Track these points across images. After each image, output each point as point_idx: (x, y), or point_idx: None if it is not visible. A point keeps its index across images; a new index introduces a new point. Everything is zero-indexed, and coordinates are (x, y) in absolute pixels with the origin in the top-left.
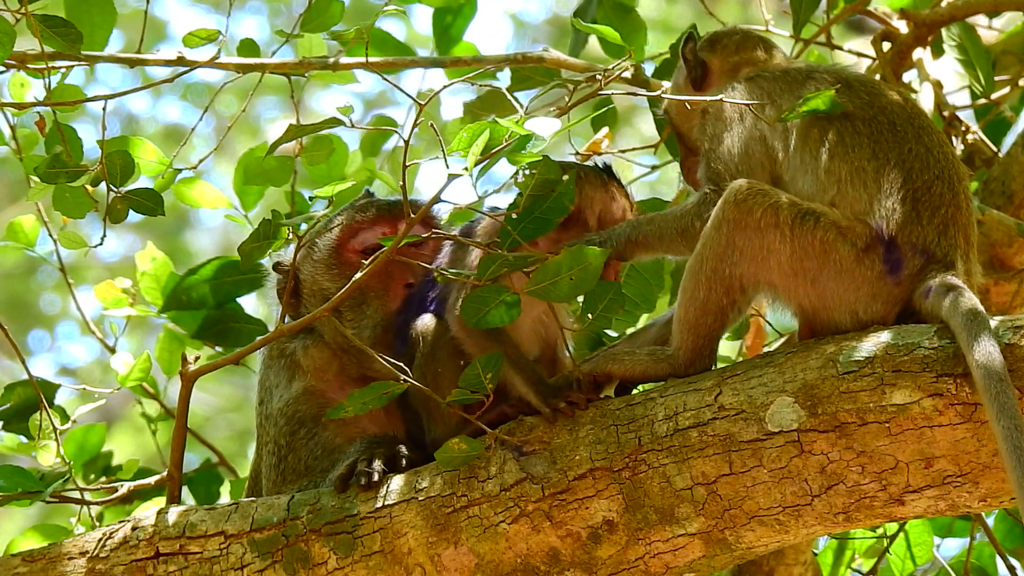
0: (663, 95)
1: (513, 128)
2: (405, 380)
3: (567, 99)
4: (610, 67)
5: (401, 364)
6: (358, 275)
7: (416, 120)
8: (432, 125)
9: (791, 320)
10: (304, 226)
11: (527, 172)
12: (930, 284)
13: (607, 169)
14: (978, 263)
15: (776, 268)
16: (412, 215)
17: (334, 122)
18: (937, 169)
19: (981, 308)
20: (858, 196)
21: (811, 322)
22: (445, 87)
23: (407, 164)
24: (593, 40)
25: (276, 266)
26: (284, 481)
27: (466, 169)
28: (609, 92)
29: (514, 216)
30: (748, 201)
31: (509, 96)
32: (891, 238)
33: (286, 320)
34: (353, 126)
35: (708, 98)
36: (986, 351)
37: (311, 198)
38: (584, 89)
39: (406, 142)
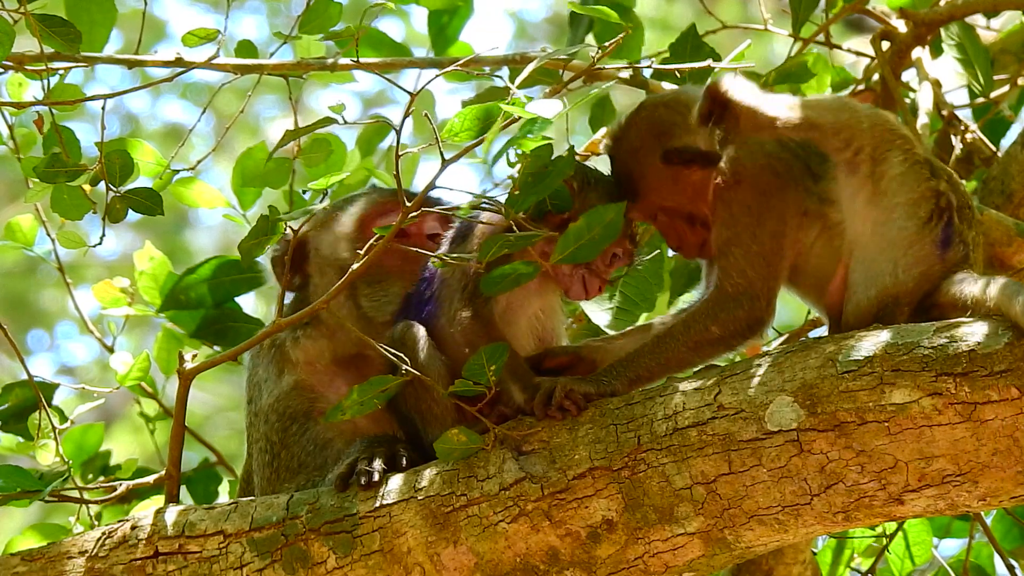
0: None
1: (512, 109)
2: (406, 371)
3: (565, 101)
4: (607, 44)
5: (402, 355)
6: (355, 266)
7: (408, 110)
8: (426, 114)
9: (789, 319)
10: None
11: (519, 153)
12: (964, 276)
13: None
14: None
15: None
16: (408, 204)
17: (327, 121)
18: (967, 201)
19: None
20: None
21: (856, 259)
22: (438, 75)
23: (401, 153)
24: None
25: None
26: (278, 479)
27: (457, 136)
28: (606, 67)
29: (515, 193)
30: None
31: (511, 86)
32: (951, 218)
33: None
34: (346, 122)
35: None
36: None
37: (304, 191)
38: (582, 90)
39: (398, 132)
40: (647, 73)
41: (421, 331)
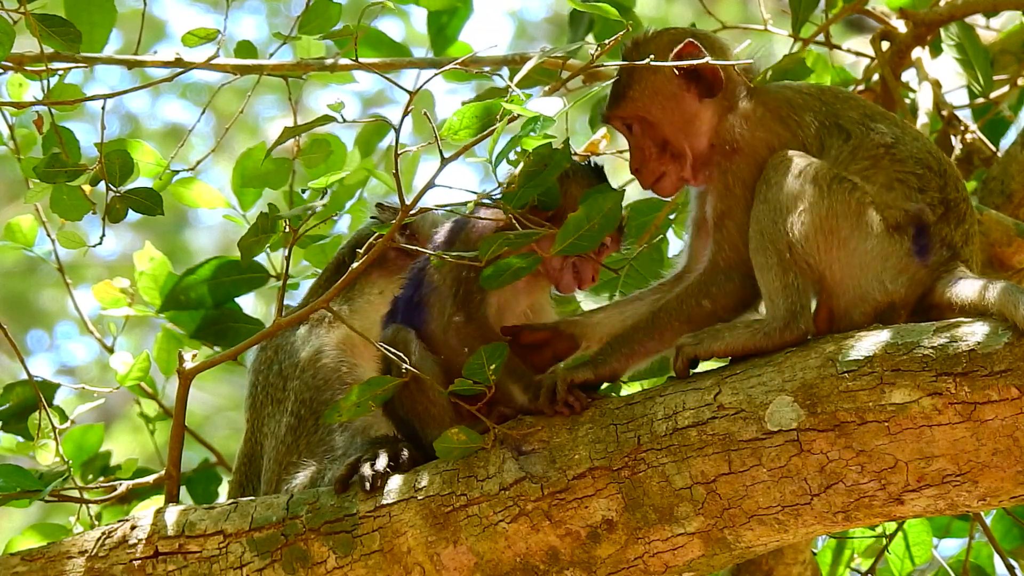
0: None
1: (512, 107)
2: (405, 371)
3: (565, 100)
4: (607, 41)
5: (400, 354)
6: (354, 265)
7: (407, 109)
8: (425, 113)
9: None
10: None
11: (519, 151)
12: (959, 275)
13: (597, 169)
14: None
15: (811, 225)
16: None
17: (326, 119)
18: (963, 195)
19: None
20: (898, 191)
21: (835, 295)
22: (436, 74)
23: (400, 152)
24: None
25: (380, 206)
26: (297, 449)
27: (456, 135)
28: (605, 64)
29: (512, 187)
30: (786, 163)
31: (511, 85)
32: (924, 225)
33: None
34: (345, 121)
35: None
36: None
37: (303, 190)
38: (581, 90)
39: (397, 131)
40: None
41: (411, 334)
